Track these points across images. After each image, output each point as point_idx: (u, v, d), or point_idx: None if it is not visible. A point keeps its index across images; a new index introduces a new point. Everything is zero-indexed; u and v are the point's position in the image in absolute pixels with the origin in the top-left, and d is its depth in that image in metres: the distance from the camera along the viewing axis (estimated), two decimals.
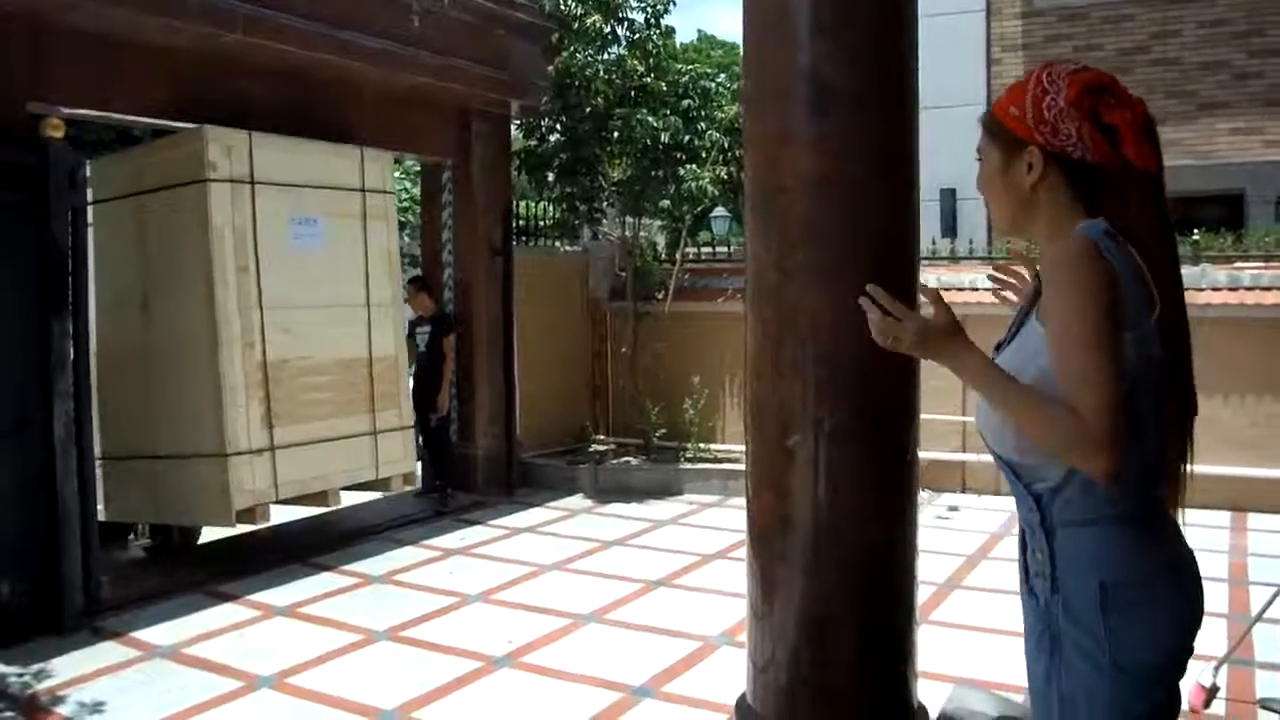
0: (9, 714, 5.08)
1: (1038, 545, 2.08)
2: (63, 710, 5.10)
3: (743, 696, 3.64)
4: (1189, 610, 2.04)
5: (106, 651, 5.91)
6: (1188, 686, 4.43)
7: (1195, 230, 10.19)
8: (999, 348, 2.19)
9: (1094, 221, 2.03)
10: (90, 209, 7.29)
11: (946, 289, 9.56)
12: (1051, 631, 2.05)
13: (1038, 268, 2.06)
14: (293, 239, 7.62)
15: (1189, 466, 2.09)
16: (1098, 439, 1.84)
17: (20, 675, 5.55)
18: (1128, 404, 1.89)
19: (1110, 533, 2.01)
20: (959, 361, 2.04)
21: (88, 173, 6.90)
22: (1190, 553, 2.08)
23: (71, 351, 6.28)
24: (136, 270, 7.49)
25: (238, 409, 7.12)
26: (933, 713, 3.78)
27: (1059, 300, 1.94)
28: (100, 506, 7.03)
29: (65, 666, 5.66)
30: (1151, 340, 1.97)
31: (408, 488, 8.83)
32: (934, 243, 11.83)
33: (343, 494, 8.16)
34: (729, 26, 55.92)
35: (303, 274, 7.66)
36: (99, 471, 7.05)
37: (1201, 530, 7.67)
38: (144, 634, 6.18)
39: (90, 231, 6.97)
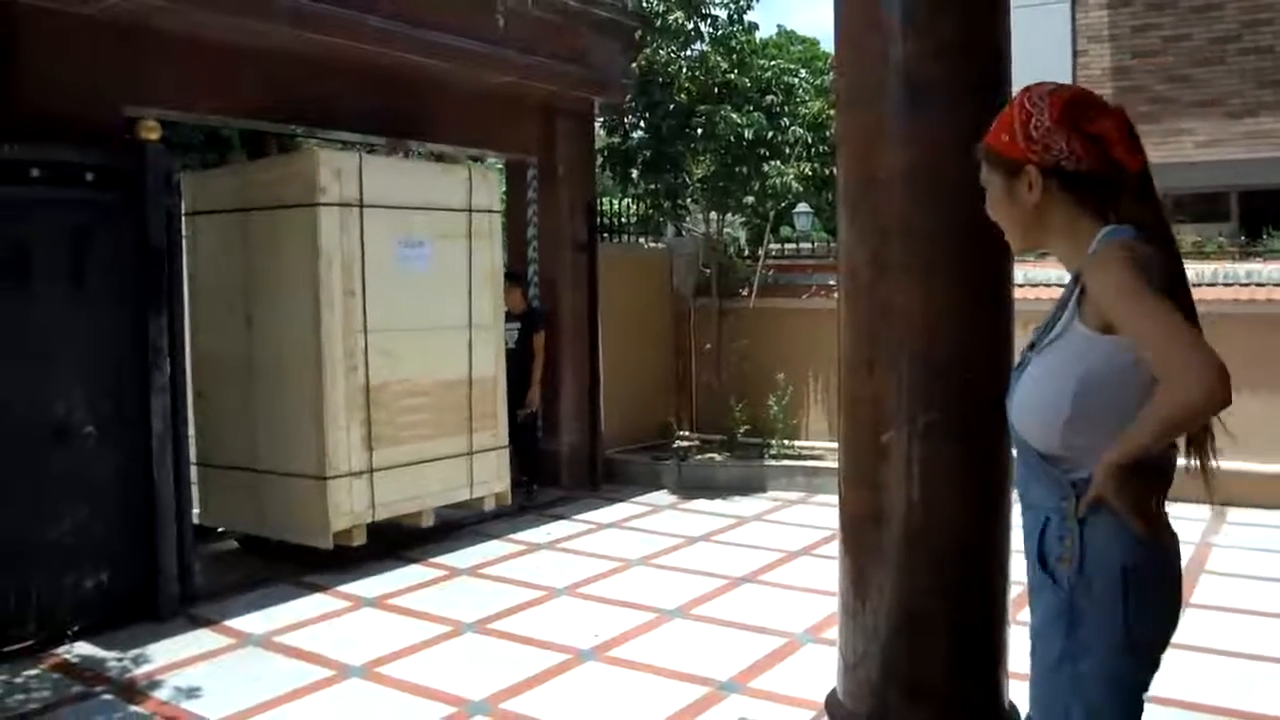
0: (108, 696, 5.23)
1: (1067, 532, 2.16)
2: (160, 694, 5.23)
3: (833, 692, 3.63)
4: (1179, 593, 2.21)
5: (201, 638, 6.04)
6: None
7: None
8: (1031, 347, 2.29)
9: (1121, 227, 2.15)
10: (193, 219, 7.46)
11: (1033, 285, 9.42)
12: (1073, 614, 2.15)
13: (1078, 270, 2.19)
14: (399, 261, 7.58)
15: (1214, 463, 2.18)
16: (1216, 368, 1.88)
17: (119, 660, 5.70)
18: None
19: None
20: (1130, 453, 2.03)
21: (182, 177, 7.02)
22: (1175, 538, 2.22)
23: (168, 349, 6.41)
24: (240, 285, 7.51)
25: (339, 431, 7.16)
26: (1022, 712, 3.74)
27: (1111, 289, 2.03)
28: (196, 510, 7.16)
29: (162, 652, 5.80)
30: None
31: (500, 505, 8.70)
32: None
33: None
34: (807, 21, 55.73)
35: (407, 296, 7.64)
36: (196, 476, 7.18)
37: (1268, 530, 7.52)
38: (236, 622, 6.31)
39: (190, 242, 7.08)
